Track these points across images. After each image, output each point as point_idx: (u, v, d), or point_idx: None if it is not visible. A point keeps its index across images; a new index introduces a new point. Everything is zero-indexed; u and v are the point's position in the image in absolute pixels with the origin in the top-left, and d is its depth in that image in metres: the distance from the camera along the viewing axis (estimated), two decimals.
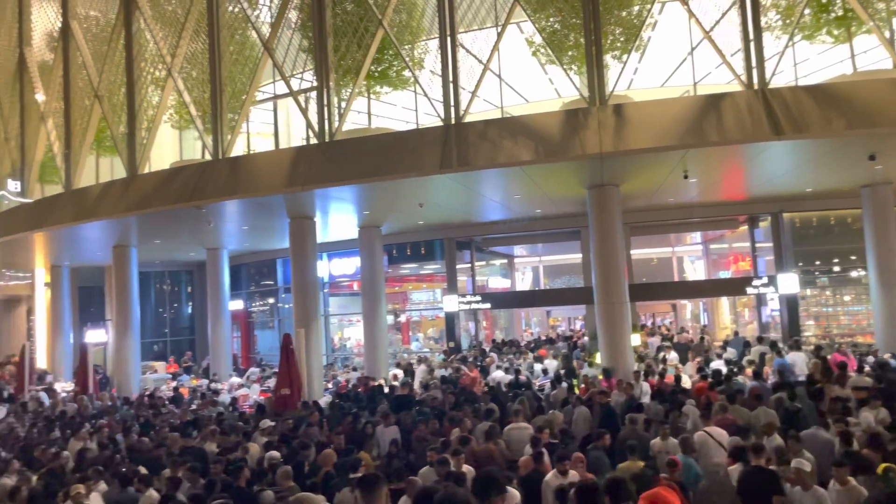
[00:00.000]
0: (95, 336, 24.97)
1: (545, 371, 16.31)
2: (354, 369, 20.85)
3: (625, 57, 13.42)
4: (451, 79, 13.87)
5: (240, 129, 16.40)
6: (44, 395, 18.86)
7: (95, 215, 17.49)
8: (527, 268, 31.05)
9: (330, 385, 18.58)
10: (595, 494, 4.64)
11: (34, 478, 9.03)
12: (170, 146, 20.93)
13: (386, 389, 15.64)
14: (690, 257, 28.42)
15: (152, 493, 7.79)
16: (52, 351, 25.87)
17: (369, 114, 16.85)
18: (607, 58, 13.49)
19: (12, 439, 12.27)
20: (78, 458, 10.10)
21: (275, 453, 9.19)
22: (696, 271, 27.90)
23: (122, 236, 20.37)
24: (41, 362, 25.89)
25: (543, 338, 25.13)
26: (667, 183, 15.77)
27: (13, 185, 21.92)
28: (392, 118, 18.82)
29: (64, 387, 21.17)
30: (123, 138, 18.02)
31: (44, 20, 21.76)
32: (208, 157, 16.48)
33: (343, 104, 15.14)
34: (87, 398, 17.14)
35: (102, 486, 8.35)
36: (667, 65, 17.62)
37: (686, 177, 14.54)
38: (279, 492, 7.33)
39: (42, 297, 27.85)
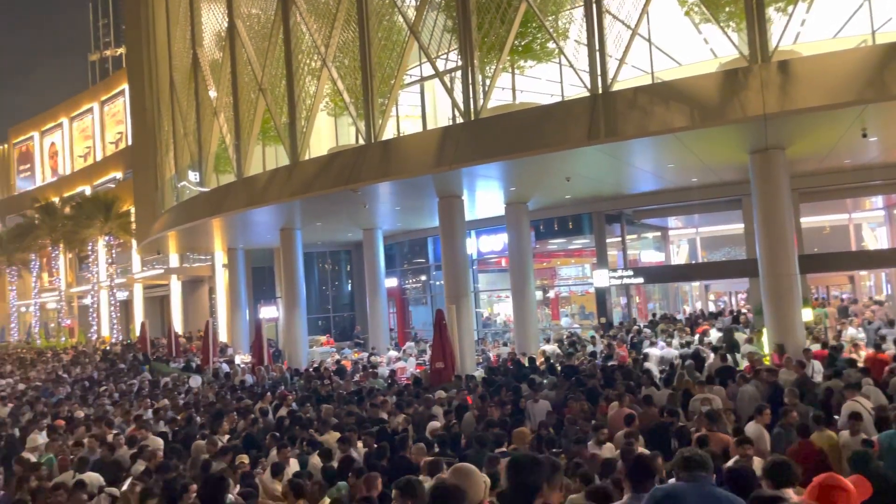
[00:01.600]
0: (268, 312, 27.16)
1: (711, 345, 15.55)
2: (505, 345, 21.07)
3: (790, 8, 12.30)
4: (597, 47, 13.45)
5: (390, 113, 16.98)
6: (225, 367, 20.84)
7: (264, 201, 18.91)
8: (682, 240, 29.64)
9: (481, 360, 18.93)
10: (748, 479, 4.37)
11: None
12: (327, 133, 22.09)
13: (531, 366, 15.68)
14: (871, 224, 25.77)
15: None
16: (231, 326, 28.42)
17: (514, 89, 16.77)
18: (770, 11, 12.44)
19: (204, 405, 13.66)
20: (277, 425, 10.99)
21: (435, 423, 9.55)
22: (877, 239, 25.27)
23: (287, 219, 21.87)
24: (222, 336, 28.54)
25: (705, 312, 23.95)
26: (841, 143, 14.37)
27: (193, 176, 24.21)
28: (537, 92, 18.60)
29: (243, 359, 23.22)
30: (285, 128, 19.29)
31: (212, 21, 23.63)
32: (362, 141, 17.23)
33: (487, 81, 15.18)
34: (263, 369, 18.72)
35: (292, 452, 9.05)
36: (839, 14, 15.94)
37: (865, 135, 13.15)
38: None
39: (221, 278, 30.62)
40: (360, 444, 8.77)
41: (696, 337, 16.88)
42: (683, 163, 15.93)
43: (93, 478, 8.02)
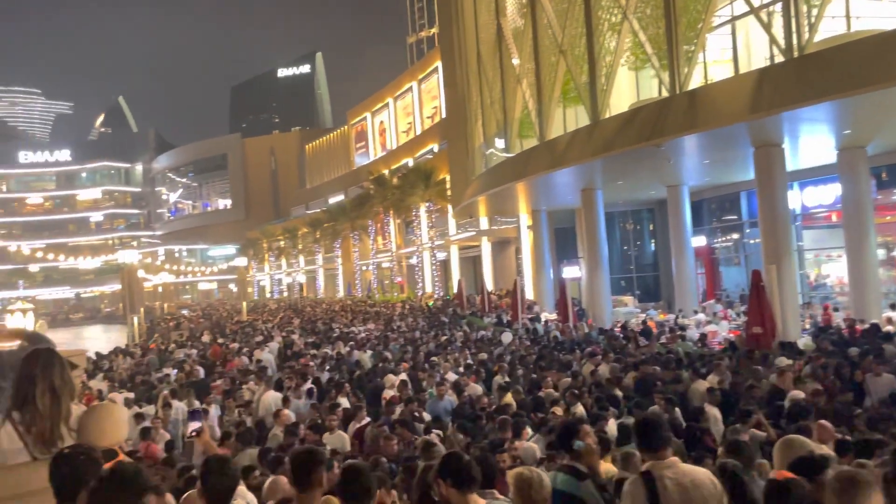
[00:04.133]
0: (571, 272, 27.69)
1: None
2: (836, 310, 18.67)
3: None
4: None
5: (696, 60, 15.89)
6: (533, 324, 21.83)
7: (565, 162, 19.19)
8: None
9: (808, 325, 17.05)
10: None
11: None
12: (627, 89, 21.51)
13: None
14: None
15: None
16: (536, 284, 29.63)
17: (847, 16, 14.47)
18: None
19: (518, 358, 14.47)
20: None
21: None
22: None
23: (588, 180, 21.93)
24: (529, 294, 29.91)
25: None
26: None
27: (499, 143, 25.51)
28: (877, 17, 15.78)
29: (548, 316, 24.11)
30: (585, 87, 19.23)
31: None
32: (665, 93, 16.44)
33: (814, 11, 13.31)
34: (569, 327, 19.24)
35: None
36: None
37: None
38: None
39: (526, 239, 31.97)
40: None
41: None
42: None
43: None
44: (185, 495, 4.42)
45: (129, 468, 2.62)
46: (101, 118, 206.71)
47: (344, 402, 10.12)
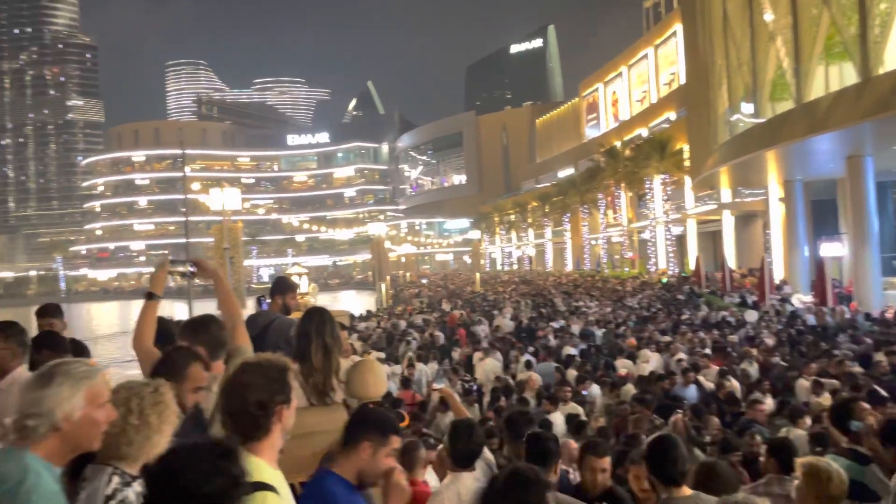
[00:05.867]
0: (831, 249, 24.73)
1: None
2: None
3: None
4: None
5: None
6: (785, 305, 19.95)
7: (827, 127, 17.12)
8: None
9: None
10: None
11: None
12: None
13: None
14: None
15: None
16: (787, 263, 26.96)
17: None
18: None
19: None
20: None
21: None
22: None
23: (855, 145, 19.34)
24: (778, 274, 27.33)
25: None
26: None
27: (746, 108, 23.47)
28: None
29: (801, 298, 21.86)
30: (854, 40, 16.90)
31: None
32: None
33: None
34: (826, 310, 17.29)
35: None
36: None
37: None
38: None
39: (776, 212, 29.14)
40: None
41: None
42: None
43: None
44: (438, 449, 4.70)
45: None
46: (353, 102, 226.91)
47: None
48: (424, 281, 55.80)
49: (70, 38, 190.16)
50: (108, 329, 43.50)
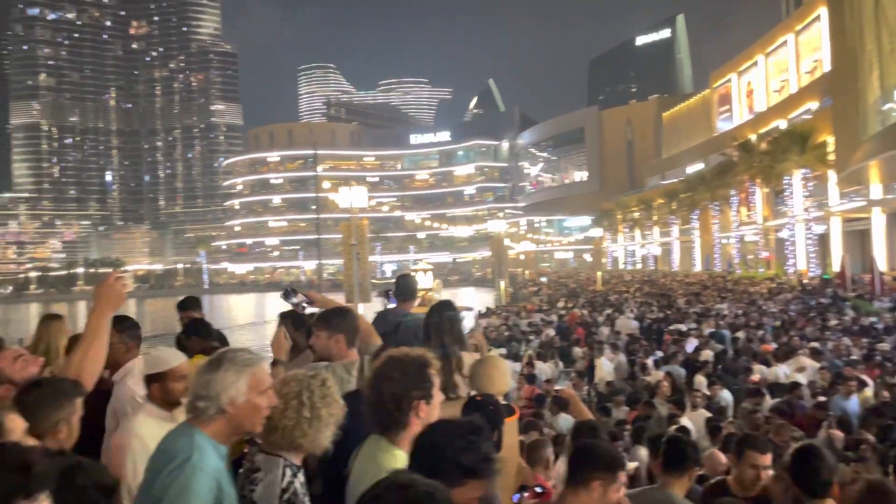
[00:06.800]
0: None
1: None
2: None
3: None
4: None
5: None
6: None
7: None
8: None
9: None
10: None
11: None
12: None
13: None
14: None
15: None
16: None
17: None
18: None
19: None
20: None
21: None
22: None
23: None
24: None
25: None
26: None
27: None
28: None
29: None
30: None
31: None
32: None
33: None
34: None
35: None
36: None
37: None
38: None
39: None
40: None
41: None
42: None
43: None
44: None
45: None
46: (474, 100, 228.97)
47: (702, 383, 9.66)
48: (543, 279, 55.32)
49: (213, 47, 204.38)
50: (244, 319, 46.43)
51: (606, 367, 11.54)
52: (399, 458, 2.19)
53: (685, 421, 7.24)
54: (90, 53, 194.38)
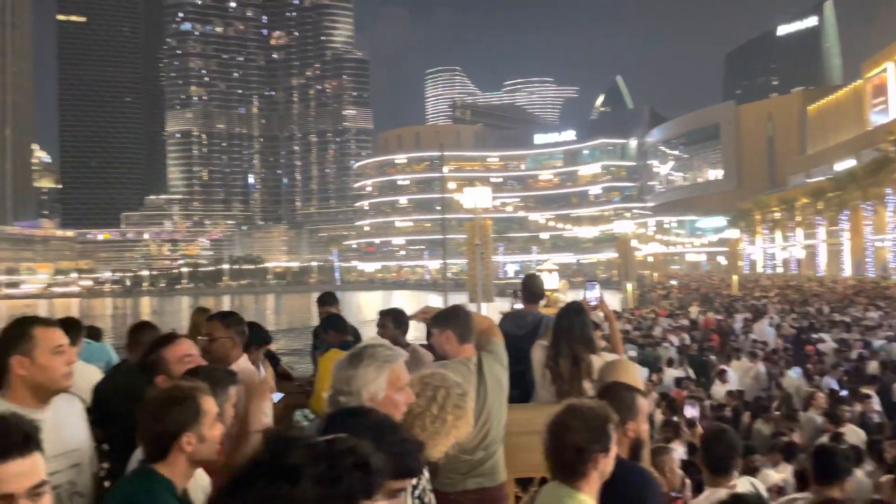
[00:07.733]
0: None
1: None
2: None
3: None
4: None
5: None
6: None
7: None
8: None
9: None
10: None
11: None
12: None
13: None
14: None
15: None
16: None
17: None
18: None
19: None
20: None
21: None
22: None
23: None
24: None
25: None
26: None
27: None
28: None
29: None
30: None
31: None
32: None
33: None
34: None
35: None
36: None
37: None
38: None
39: None
40: None
41: None
42: None
43: None
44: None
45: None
46: (600, 98, 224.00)
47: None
48: (673, 282, 53.12)
49: (346, 54, 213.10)
50: (372, 315, 48.13)
51: (752, 376, 10.93)
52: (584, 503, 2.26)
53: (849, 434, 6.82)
54: (235, 64, 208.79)
